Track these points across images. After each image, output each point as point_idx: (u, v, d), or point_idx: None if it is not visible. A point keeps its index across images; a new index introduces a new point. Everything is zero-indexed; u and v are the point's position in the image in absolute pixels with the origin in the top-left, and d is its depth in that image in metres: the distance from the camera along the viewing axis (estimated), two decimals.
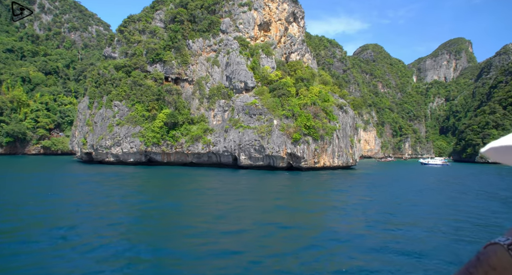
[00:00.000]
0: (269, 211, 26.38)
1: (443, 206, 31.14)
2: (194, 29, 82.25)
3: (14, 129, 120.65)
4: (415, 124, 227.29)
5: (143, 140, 72.82)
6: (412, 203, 32.47)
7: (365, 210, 27.75)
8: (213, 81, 78.74)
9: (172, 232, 19.58)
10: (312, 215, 25.52)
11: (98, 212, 24.30)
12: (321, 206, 30.09)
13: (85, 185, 40.65)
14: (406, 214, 26.47)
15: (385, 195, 37.97)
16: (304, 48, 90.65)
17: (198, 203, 29.81)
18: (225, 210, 26.00)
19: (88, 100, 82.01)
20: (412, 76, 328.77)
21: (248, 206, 27.93)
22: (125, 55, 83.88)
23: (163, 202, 29.91)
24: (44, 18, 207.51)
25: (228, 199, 31.72)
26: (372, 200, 33.27)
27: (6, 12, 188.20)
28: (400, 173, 77.39)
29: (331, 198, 35.04)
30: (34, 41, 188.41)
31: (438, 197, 36.83)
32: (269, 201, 31.38)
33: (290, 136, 66.70)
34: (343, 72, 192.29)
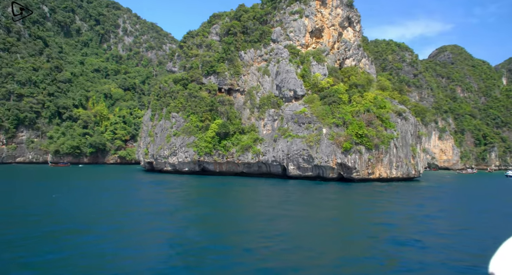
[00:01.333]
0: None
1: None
2: (246, 40, 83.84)
3: (96, 141, 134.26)
4: (504, 132, 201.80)
5: (196, 150, 75.55)
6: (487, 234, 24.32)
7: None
8: (263, 91, 79.05)
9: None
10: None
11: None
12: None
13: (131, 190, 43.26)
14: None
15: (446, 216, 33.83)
16: (361, 53, 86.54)
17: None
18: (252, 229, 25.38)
19: (151, 113, 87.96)
20: (501, 79, 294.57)
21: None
22: (184, 69, 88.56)
23: (202, 211, 30.34)
24: (126, 40, 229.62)
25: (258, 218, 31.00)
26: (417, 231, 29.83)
27: (96, 37, 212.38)
28: (475, 187, 68.73)
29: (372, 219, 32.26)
30: (117, 61, 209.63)
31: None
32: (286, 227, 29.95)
33: (340, 146, 63.62)
34: (414, 76, 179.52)
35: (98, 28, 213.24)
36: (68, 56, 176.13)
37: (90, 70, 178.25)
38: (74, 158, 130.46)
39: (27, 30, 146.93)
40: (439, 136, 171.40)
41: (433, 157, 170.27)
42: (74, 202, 32.54)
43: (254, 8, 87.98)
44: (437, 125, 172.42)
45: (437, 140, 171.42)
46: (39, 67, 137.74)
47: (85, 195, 38.08)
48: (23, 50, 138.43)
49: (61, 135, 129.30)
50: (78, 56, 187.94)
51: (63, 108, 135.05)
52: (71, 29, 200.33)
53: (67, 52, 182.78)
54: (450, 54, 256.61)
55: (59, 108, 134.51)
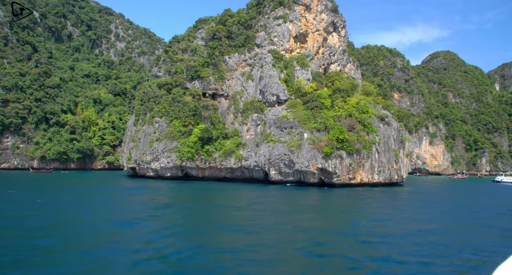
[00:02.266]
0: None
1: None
2: (230, 45, 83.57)
3: (84, 147, 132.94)
4: (495, 137, 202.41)
5: (178, 155, 74.72)
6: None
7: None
8: (247, 96, 78.59)
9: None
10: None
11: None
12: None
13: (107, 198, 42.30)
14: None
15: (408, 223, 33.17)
16: (346, 58, 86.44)
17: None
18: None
19: (134, 118, 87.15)
20: (494, 84, 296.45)
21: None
22: (169, 74, 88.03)
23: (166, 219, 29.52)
24: (118, 45, 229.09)
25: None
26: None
27: (88, 42, 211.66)
28: (457, 192, 68.13)
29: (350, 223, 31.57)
30: (109, 66, 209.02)
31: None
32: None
33: (320, 151, 63.07)
34: (405, 82, 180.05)
35: (90, 33, 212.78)
36: (58, 62, 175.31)
37: (80, 75, 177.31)
38: (61, 164, 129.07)
39: (15, 35, 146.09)
40: (430, 142, 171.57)
41: (424, 162, 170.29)
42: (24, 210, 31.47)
43: (239, 13, 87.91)
44: (428, 130, 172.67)
45: (428, 145, 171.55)
46: (26, 72, 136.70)
47: (43, 204, 36.99)
48: (10, 55, 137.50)
49: (48, 141, 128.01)
50: (69, 62, 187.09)
51: (50, 114, 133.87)
52: (63, 35, 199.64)
53: (58, 58, 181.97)
54: (442, 60, 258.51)
55: (46, 114, 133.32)
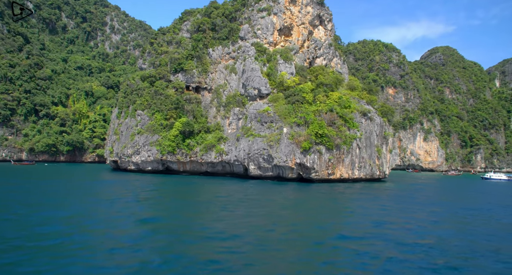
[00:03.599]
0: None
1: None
2: (214, 37, 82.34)
3: (74, 139, 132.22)
4: (491, 134, 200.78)
5: (159, 149, 73.95)
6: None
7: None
8: (230, 89, 77.56)
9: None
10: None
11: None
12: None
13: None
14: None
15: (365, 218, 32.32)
16: (332, 52, 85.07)
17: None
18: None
19: (118, 110, 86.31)
20: (493, 80, 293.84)
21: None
22: (153, 66, 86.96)
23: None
24: (113, 38, 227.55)
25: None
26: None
27: (82, 34, 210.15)
28: (439, 189, 67.11)
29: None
30: (104, 59, 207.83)
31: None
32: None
33: (299, 146, 62.14)
34: (401, 77, 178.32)
35: (85, 25, 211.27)
36: (51, 53, 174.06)
37: (73, 67, 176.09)
38: (50, 156, 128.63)
39: (5, 26, 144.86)
40: (424, 138, 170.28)
41: (418, 158, 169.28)
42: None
43: (225, 5, 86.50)
44: (423, 126, 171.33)
45: (422, 141, 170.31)
46: (16, 63, 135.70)
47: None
48: (0, 46, 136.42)
49: (37, 133, 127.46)
50: (63, 54, 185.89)
51: (40, 106, 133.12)
52: (57, 26, 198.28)
53: (51, 49, 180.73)
54: (441, 55, 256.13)
55: (36, 106, 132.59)
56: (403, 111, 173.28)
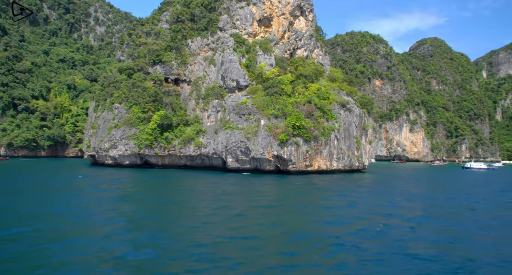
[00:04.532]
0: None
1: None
2: (193, 28, 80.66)
3: (55, 134, 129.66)
4: (476, 124, 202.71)
5: (136, 142, 72.61)
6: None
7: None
8: (209, 81, 76.28)
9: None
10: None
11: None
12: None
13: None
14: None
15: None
16: (313, 43, 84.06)
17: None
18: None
19: (95, 104, 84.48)
20: (481, 71, 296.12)
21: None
22: (132, 58, 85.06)
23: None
24: (98, 29, 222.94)
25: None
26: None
27: (65, 26, 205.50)
28: (418, 178, 66.87)
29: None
30: (88, 51, 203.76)
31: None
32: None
33: (276, 138, 61.42)
34: (387, 69, 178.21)
35: (68, 17, 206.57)
36: (31, 46, 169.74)
37: (55, 60, 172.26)
38: (30, 151, 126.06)
39: None
40: (410, 129, 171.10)
41: (404, 149, 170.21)
42: None
43: None
44: (409, 117, 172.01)
45: (408, 132, 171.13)
46: None
47: None
48: None
49: (16, 128, 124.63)
50: (45, 46, 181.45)
51: (18, 99, 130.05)
52: (38, 18, 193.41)
53: (32, 42, 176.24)
54: (429, 47, 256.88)
55: (14, 100, 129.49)
56: (390, 102, 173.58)
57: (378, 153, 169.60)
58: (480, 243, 19.95)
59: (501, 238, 21.26)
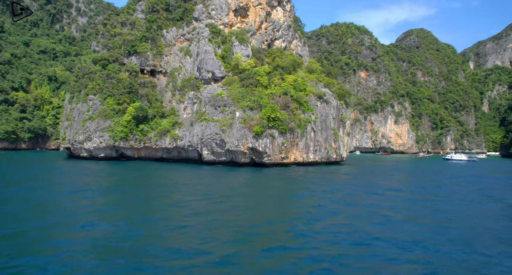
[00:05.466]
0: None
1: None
2: (168, 18, 79.00)
3: (35, 126, 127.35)
4: (461, 115, 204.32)
5: (111, 135, 71.36)
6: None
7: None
8: (185, 72, 75.02)
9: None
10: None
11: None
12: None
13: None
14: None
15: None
16: (291, 34, 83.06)
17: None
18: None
19: (70, 95, 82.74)
20: (468, 62, 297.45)
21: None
22: (107, 49, 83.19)
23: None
24: (80, 20, 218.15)
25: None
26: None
27: (47, 17, 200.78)
28: (394, 170, 67.03)
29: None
30: (71, 42, 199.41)
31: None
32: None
33: (251, 130, 60.73)
34: (372, 60, 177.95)
35: (49, 7, 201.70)
36: (11, 37, 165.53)
37: (36, 51, 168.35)
38: (11, 144, 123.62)
39: None
40: (395, 121, 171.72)
41: (389, 141, 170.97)
42: None
43: None
44: (393, 109, 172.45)
45: (393, 124, 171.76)
46: None
47: None
48: None
49: None
50: (25, 37, 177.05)
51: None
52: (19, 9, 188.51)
53: (11, 32, 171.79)
54: (415, 38, 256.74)
55: None
56: (375, 94, 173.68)
57: (363, 145, 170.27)
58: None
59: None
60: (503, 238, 19.60)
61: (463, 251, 16.93)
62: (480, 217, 24.88)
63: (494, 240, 19.10)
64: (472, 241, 18.68)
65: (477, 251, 16.99)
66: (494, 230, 21.23)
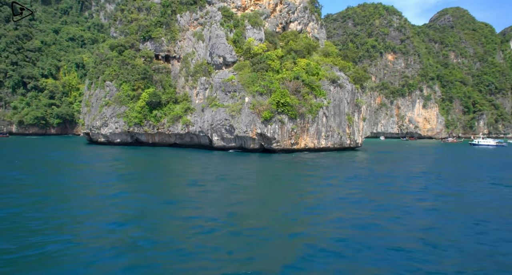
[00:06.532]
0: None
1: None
2: (182, 2, 78.50)
3: (63, 112, 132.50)
4: (497, 98, 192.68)
5: (126, 120, 72.90)
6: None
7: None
8: (198, 58, 74.78)
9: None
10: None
11: None
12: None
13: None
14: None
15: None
16: (307, 16, 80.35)
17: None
18: None
19: (88, 81, 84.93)
20: (508, 42, 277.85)
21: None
22: (124, 35, 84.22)
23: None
24: (108, 7, 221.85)
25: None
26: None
27: (76, 4, 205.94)
28: (413, 157, 64.12)
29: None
30: (99, 30, 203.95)
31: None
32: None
33: (260, 115, 60.01)
34: (401, 42, 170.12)
35: None
36: (42, 25, 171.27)
37: (65, 38, 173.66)
38: (40, 129, 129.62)
39: None
40: (424, 105, 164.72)
41: (416, 126, 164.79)
42: None
43: None
44: (422, 93, 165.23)
45: (421, 108, 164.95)
46: (2, 34, 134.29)
47: None
48: None
49: (26, 106, 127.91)
50: (56, 24, 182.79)
51: (28, 78, 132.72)
52: None
53: (43, 20, 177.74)
54: (450, 17, 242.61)
55: (24, 78, 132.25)
56: (403, 77, 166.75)
57: (389, 130, 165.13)
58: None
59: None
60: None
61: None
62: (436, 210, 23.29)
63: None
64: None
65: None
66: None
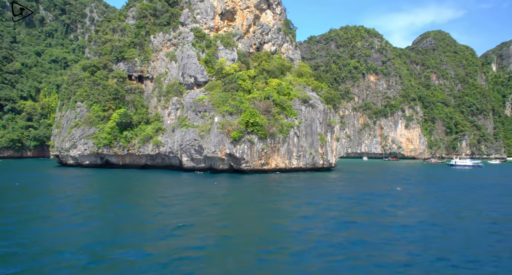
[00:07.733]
0: None
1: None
2: (155, 23, 78.54)
3: (41, 134, 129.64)
4: (479, 119, 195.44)
5: (95, 141, 70.94)
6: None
7: None
8: (170, 78, 74.06)
9: None
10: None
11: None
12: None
13: None
14: None
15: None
16: (281, 37, 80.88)
17: None
18: None
19: (60, 103, 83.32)
20: (490, 64, 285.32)
21: None
22: (98, 55, 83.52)
23: None
24: (93, 30, 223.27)
25: None
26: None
27: (61, 27, 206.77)
28: (381, 179, 63.05)
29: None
30: (84, 51, 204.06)
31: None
32: None
33: (229, 135, 58.72)
34: (382, 64, 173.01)
35: (64, 17, 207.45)
36: (24, 47, 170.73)
37: (48, 61, 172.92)
38: (16, 152, 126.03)
39: None
40: (406, 125, 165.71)
41: (399, 146, 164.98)
42: None
43: None
44: (404, 113, 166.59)
45: (404, 129, 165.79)
46: None
47: None
48: None
49: (1, 128, 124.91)
50: (41, 47, 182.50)
51: (5, 100, 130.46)
52: (34, 19, 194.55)
53: (26, 43, 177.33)
54: (432, 40, 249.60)
55: (1, 101, 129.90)
56: (385, 98, 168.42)
57: (372, 150, 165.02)
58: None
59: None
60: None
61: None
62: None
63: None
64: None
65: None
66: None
